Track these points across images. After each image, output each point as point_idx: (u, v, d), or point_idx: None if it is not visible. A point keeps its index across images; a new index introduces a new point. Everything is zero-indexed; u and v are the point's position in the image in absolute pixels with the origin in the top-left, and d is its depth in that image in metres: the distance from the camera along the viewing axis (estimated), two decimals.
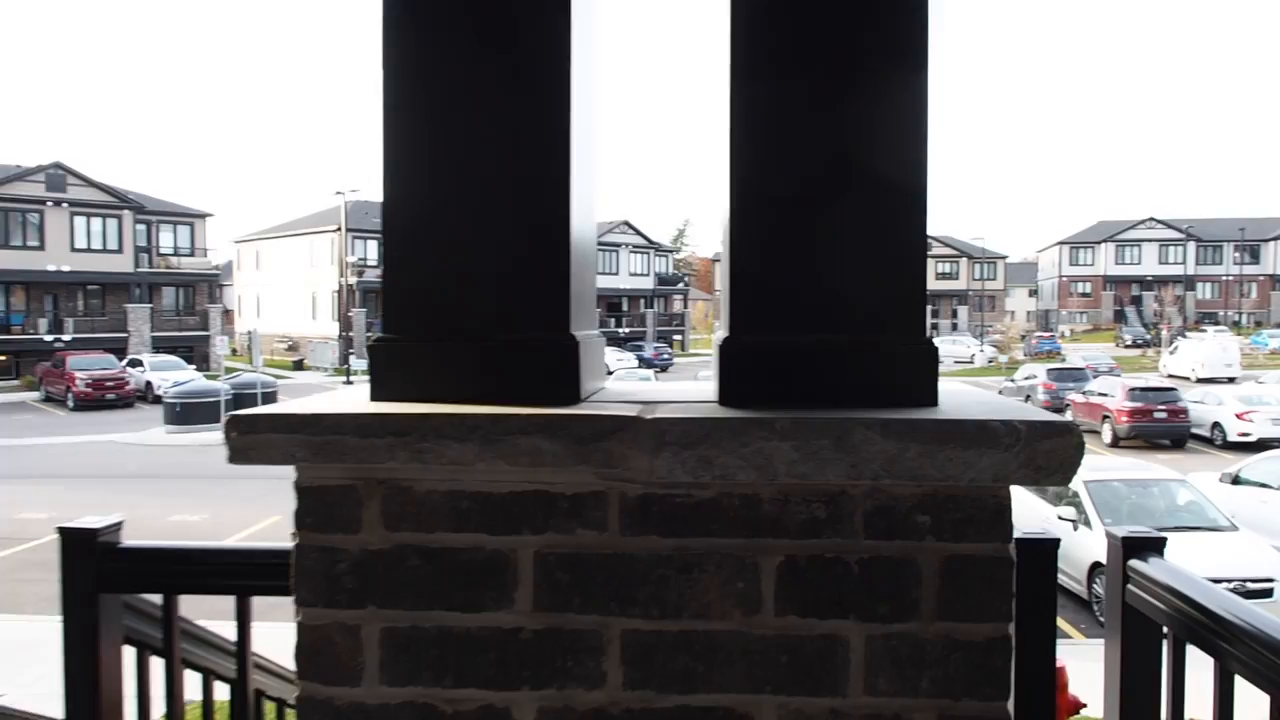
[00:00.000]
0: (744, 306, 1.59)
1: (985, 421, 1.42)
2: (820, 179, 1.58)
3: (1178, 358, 45.45)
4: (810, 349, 1.56)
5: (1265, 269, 78.81)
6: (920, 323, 1.58)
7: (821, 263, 1.57)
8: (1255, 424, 25.48)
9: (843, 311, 1.57)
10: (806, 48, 1.57)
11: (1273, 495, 13.82)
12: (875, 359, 1.56)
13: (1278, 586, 10.96)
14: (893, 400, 1.55)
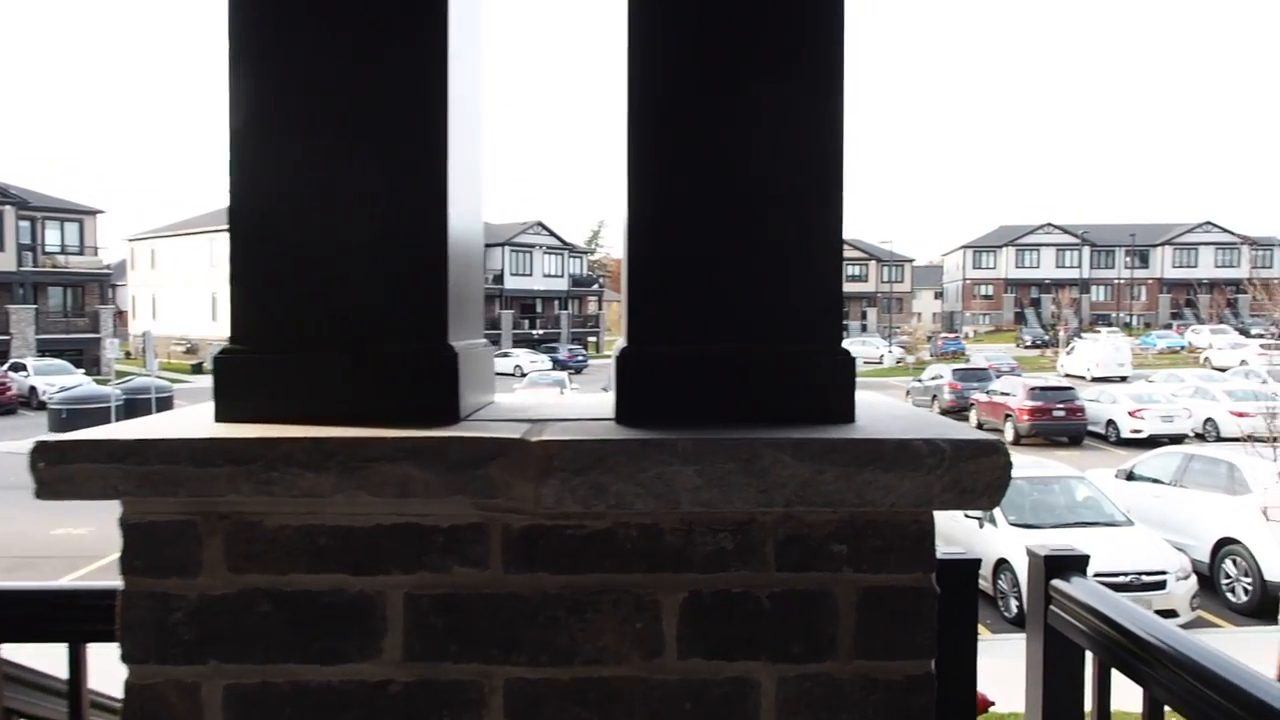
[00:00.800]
0: (644, 314, 1.44)
1: (907, 441, 1.29)
2: (727, 180, 1.43)
3: (1074, 358, 47.20)
4: (717, 361, 1.41)
5: (1154, 273, 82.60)
6: (836, 332, 1.44)
7: (729, 268, 1.43)
8: (1146, 421, 26.55)
9: (752, 320, 1.43)
10: (711, 46, 1.43)
11: (1164, 490, 14.34)
12: (788, 372, 1.42)
13: (1170, 579, 11.33)
14: (807, 416, 1.41)
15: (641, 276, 1.44)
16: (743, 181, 1.43)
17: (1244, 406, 26.37)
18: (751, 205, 1.43)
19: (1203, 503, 13.47)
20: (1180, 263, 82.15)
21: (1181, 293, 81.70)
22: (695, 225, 1.43)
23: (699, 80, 1.43)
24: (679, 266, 1.43)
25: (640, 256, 1.44)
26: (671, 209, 1.43)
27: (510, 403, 1.67)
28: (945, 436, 1.30)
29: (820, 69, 1.43)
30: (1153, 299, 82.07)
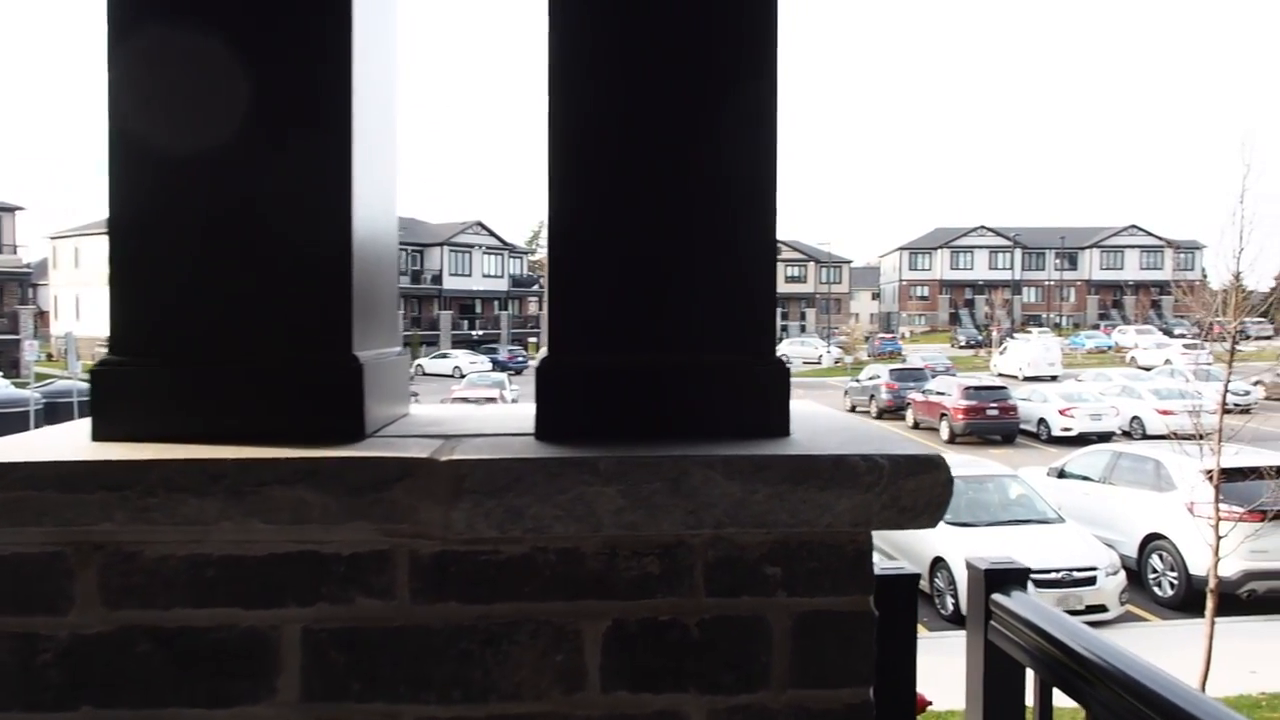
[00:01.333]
0: (565, 322, 1.35)
1: (844, 457, 1.22)
2: (653, 181, 1.35)
3: (1007, 358, 48.18)
4: (643, 372, 1.33)
5: (1082, 275, 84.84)
6: (769, 340, 1.37)
7: (656, 273, 1.35)
8: (1076, 419, 27.17)
9: (681, 329, 1.35)
10: (638, 41, 1.34)
11: (1094, 488, 14.64)
12: (719, 383, 1.34)
13: (1100, 575, 11.55)
14: (740, 430, 1.33)
15: (563, 282, 1.35)
16: (670, 182, 1.35)
17: (1169, 405, 27.15)
18: (680, 207, 1.35)
19: (1131, 500, 13.78)
20: (1107, 265, 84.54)
21: (1109, 294, 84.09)
22: (619, 228, 1.34)
23: (623, 76, 1.34)
24: (602, 271, 1.34)
25: (562, 260, 1.35)
26: (594, 210, 1.34)
27: (426, 415, 1.57)
28: (884, 452, 1.24)
29: (755, 68, 1.36)
30: (1081, 300, 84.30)
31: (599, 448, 1.23)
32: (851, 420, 1.54)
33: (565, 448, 1.24)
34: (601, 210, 1.35)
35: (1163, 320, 72.63)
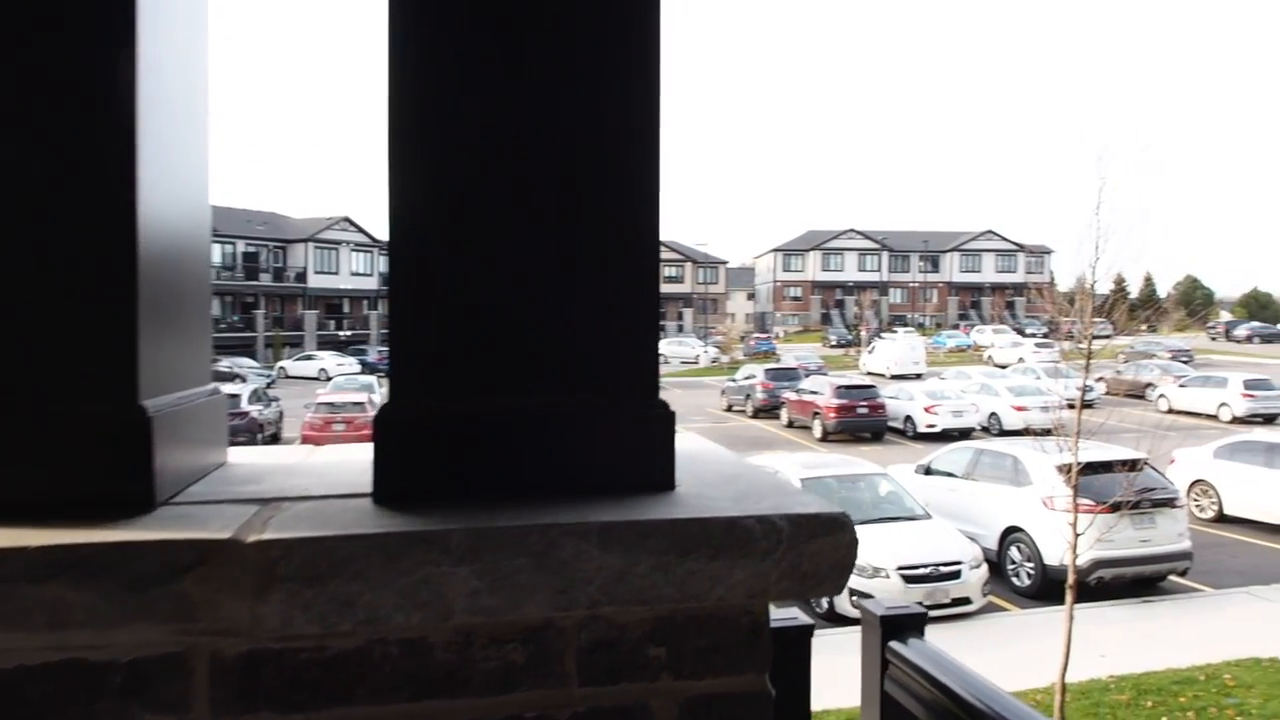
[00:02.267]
0: (411, 360, 1.13)
1: (737, 520, 1.05)
2: (512, 182, 1.15)
3: (875, 357, 49.78)
4: (504, 419, 1.13)
5: (944, 277, 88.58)
6: (651, 379, 1.19)
7: (521, 302, 1.15)
8: (940, 416, 28.23)
9: (550, 367, 1.15)
10: (492, 19, 1.15)
11: (958, 484, 15.16)
12: (595, 431, 1.16)
13: (965, 569, 11.93)
14: (620, 484, 1.15)
15: (407, 312, 1.14)
16: (537, 196, 1.15)
17: (1023, 401, 28.56)
18: (545, 216, 1.16)
19: (991, 495, 14.32)
20: (966, 268, 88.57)
21: (968, 295, 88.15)
22: (476, 249, 1.14)
23: (476, 60, 1.14)
24: (455, 300, 1.13)
25: (403, 282, 1.14)
26: (443, 228, 1.13)
27: (245, 466, 1.32)
28: (781, 511, 1.08)
29: (636, 60, 1.18)
30: (943, 301, 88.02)
31: (451, 514, 1.03)
32: (739, 464, 1.37)
33: (409, 516, 1.03)
34: (453, 227, 1.14)
35: (1016, 320, 76.57)
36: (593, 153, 1.17)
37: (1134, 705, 8.90)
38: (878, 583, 11.55)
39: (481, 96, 1.14)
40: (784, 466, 14.16)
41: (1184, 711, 8.70)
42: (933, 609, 11.74)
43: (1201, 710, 8.72)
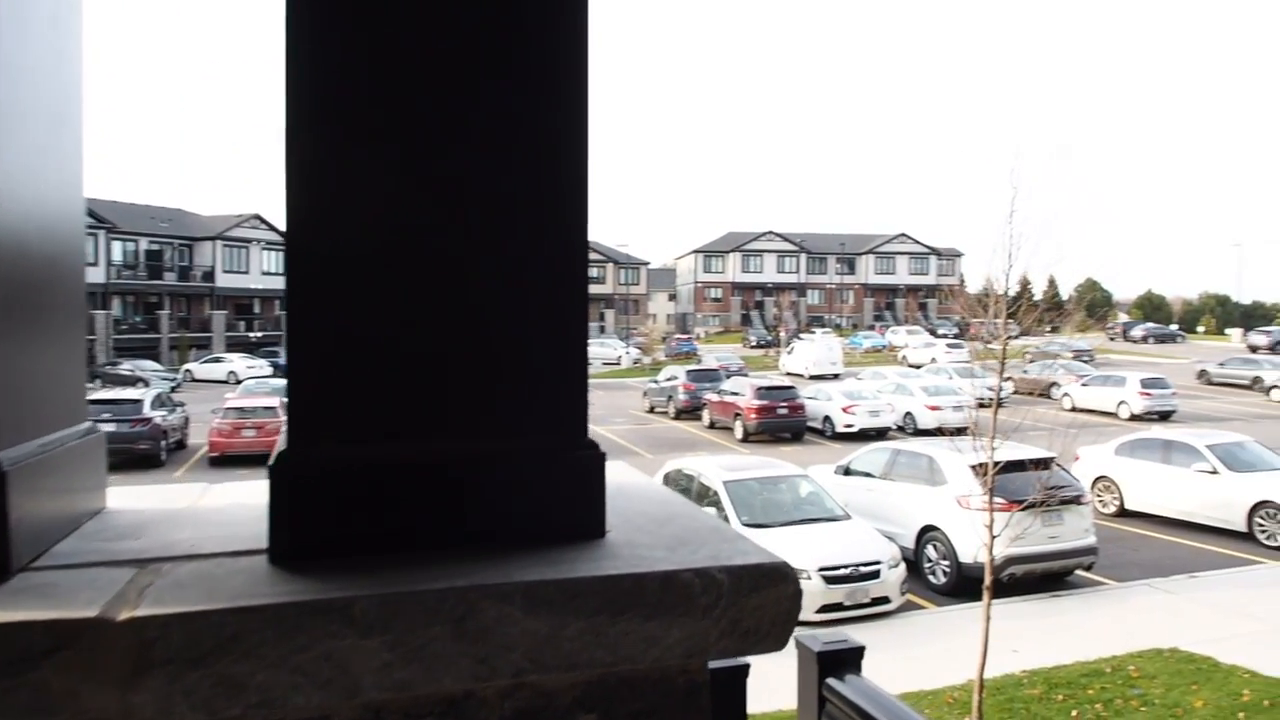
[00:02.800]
0: (309, 400, 1.02)
1: (674, 574, 0.97)
2: (428, 197, 1.05)
3: (794, 357, 50.44)
4: (414, 466, 1.02)
5: (860, 278, 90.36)
6: (580, 417, 1.10)
7: (430, 330, 1.04)
8: (857, 416, 28.72)
9: (470, 407, 1.06)
10: (411, 35, 1.04)
11: (876, 483, 15.39)
12: (517, 477, 1.06)
13: (883, 568, 12.10)
14: (546, 533, 1.06)
15: (303, 343, 1.02)
16: (450, 200, 1.05)
17: (937, 401, 29.26)
18: (462, 237, 1.06)
19: (908, 494, 14.57)
20: (881, 270, 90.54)
21: (883, 297, 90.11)
22: (380, 266, 1.03)
23: (387, 63, 1.04)
24: (358, 327, 1.02)
25: (302, 311, 1.03)
26: (344, 239, 1.02)
27: (125, 515, 1.19)
28: (720, 563, 1.00)
29: (564, 67, 1.09)
30: (859, 302, 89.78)
31: (357, 576, 0.92)
32: (671, 502, 1.29)
33: (309, 579, 0.92)
34: (360, 249, 1.03)
35: (929, 321, 78.53)
36: (517, 167, 1.08)
37: (1046, 699, 9.12)
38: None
39: (389, 102, 1.03)
40: (707, 469, 14.19)
41: (1092, 704, 8.96)
42: (853, 608, 11.89)
43: (1108, 702, 8.99)
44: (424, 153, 1.04)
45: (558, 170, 1.09)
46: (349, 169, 1.02)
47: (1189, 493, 16.57)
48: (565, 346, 1.10)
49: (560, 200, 1.09)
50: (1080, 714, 8.75)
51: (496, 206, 1.07)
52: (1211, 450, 16.74)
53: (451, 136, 1.05)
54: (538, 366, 1.08)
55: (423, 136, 1.04)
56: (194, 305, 59.18)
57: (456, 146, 1.05)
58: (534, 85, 1.08)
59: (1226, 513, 16.03)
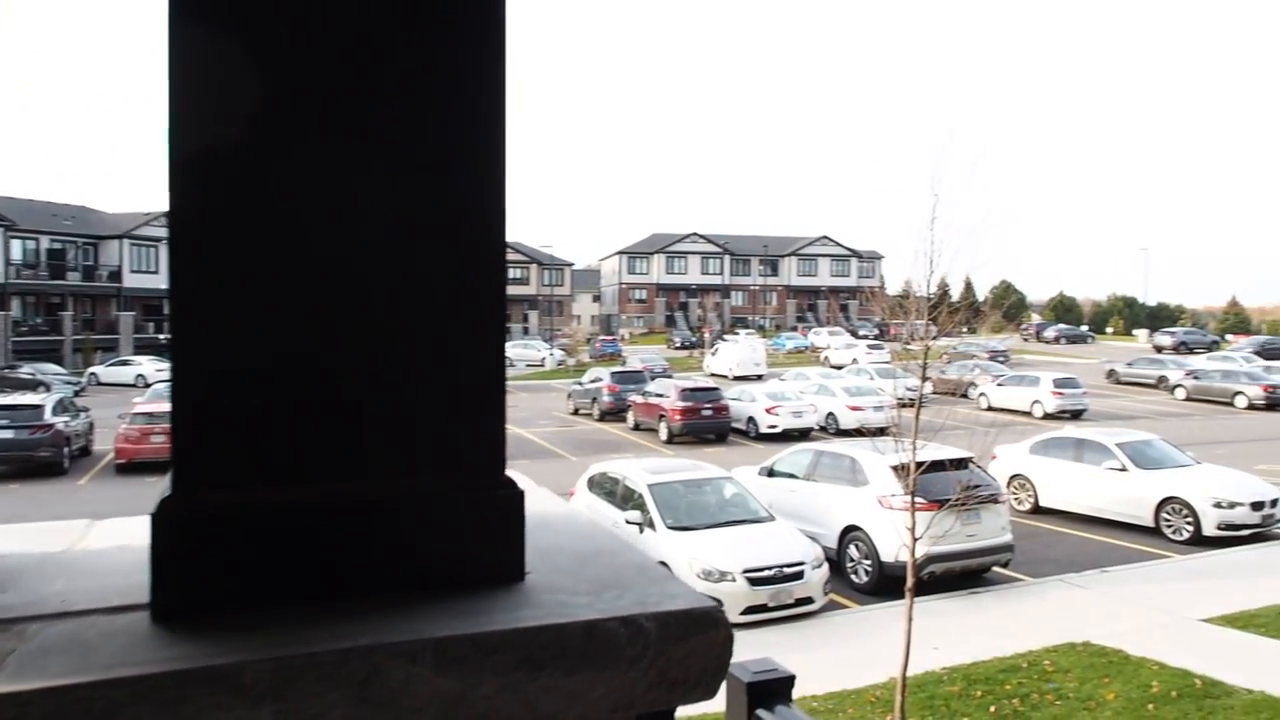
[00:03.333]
0: (195, 437, 0.93)
1: (598, 624, 0.91)
2: (321, 212, 0.97)
3: (718, 359, 50.82)
4: (314, 510, 0.94)
5: (783, 280, 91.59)
6: (498, 453, 1.03)
7: (328, 358, 0.96)
8: (781, 417, 29.05)
9: (375, 443, 0.98)
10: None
11: (800, 485, 15.56)
12: (428, 520, 0.98)
13: (807, 569, 12.23)
14: (459, 580, 0.98)
15: (187, 370, 0.93)
16: (351, 211, 0.97)
17: (858, 401, 29.78)
18: (364, 253, 0.98)
19: (831, 495, 14.77)
20: (804, 272, 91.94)
21: (805, 298, 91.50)
22: (270, 285, 0.94)
23: (275, 58, 0.95)
24: (246, 354, 0.94)
25: (184, 337, 0.94)
26: (237, 268, 0.94)
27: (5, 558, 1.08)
28: (647, 609, 0.94)
29: (472, 71, 1.02)
30: (782, 303, 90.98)
31: (248, 636, 0.84)
32: (594, 535, 1.23)
33: (195, 641, 0.83)
34: (249, 272, 0.94)
35: (851, 322, 79.92)
36: (426, 172, 1.00)
37: (965, 696, 9.31)
38: (724, 586, 11.68)
39: (280, 100, 0.95)
40: (632, 472, 14.16)
41: (1010, 699, 9.17)
42: (777, 609, 11.99)
43: (1025, 697, 9.22)
44: (321, 158, 0.96)
45: (473, 175, 1.02)
46: (238, 172, 0.94)
47: (1100, 490, 17.16)
48: (480, 375, 1.02)
49: (476, 208, 1.02)
50: (998, 709, 8.95)
51: (402, 218, 0.99)
52: (1121, 449, 17.36)
53: (352, 139, 0.97)
54: (449, 398, 1.01)
55: (318, 138, 0.96)
56: (99, 306, 56.95)
57: (358, 152, 0.97)
58: (446, 80, 1.01)
59: (1135, 509, 16.64)
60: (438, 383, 1.00)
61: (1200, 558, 14.74)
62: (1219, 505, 15.80)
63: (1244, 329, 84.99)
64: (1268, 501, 16.06)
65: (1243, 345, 61.37)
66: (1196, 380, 40.53)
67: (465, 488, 1.00)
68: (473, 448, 1.01)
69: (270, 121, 0.94)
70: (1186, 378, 41.11)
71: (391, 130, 0.98)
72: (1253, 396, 37.49)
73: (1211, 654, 10.26)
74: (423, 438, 0.99)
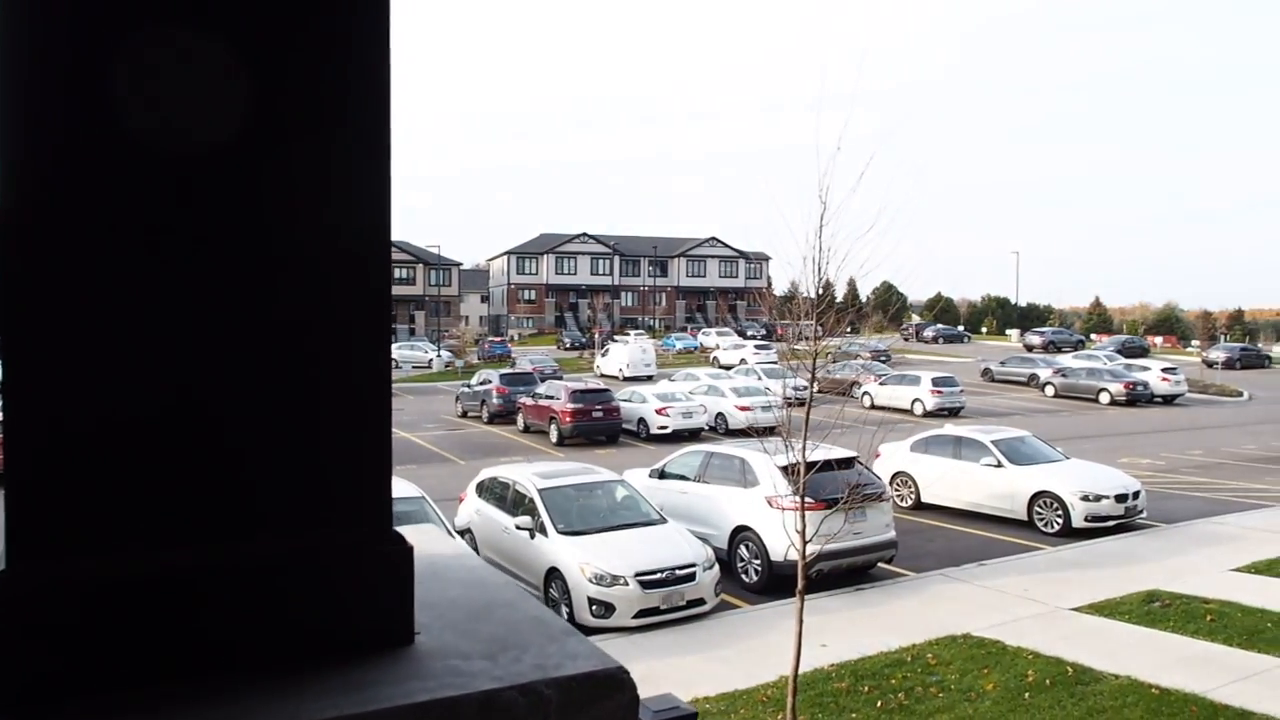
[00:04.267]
0: (31, 502, 0.80)
1: (495, 695, 0.82)
2: (177, 233, 0.85)
3: (609, 359, 50.92)
4: (171, 579, 0.82)
5: (672, 281, 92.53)
6: (383, 506, 0.93)
7: (182, 404, 0.85)
8: (671, 418, 29.27)
9: (238, 498, 0.86)
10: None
11: (691, 487, 15.66)
12: (306, 582, 0.88)
13: (699, 570, 12.31)
14: (342, 644, 0.88)
15: (21, 427, 0.81)
16: (210, 231, 0.86)
17: (747, 401, 30.25)
18: (236, 306, 0.87)
19: (721, 496, 14.92)
20: (692, 273, 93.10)
21: (694, 299, 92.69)
22: (111, 328, 0.82)
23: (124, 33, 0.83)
24: (91, 403, 0.82)
25: (17, 386, 0.81)
26: (82, 300, 0.81)
27: None
28: (548, 675, 0.85)
29: (360, 100, 0.92)
30: (671, 304, 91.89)
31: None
32: (488, 584, 1.14)
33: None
34: (96, 302, 0.82)
35: (739, 323, 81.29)
36: (296, 188, 0.90)
37: (853, 692, 9.51)
38: (617, 590, 11.65)
39: (117, 101, 0.83)
40: (522, 477, 13.99)
41: (895, 693, 9.41)
42: (669, 612, 12.02)
43: (910, 690, 9.47)
44: (170, 171, 0.84)
45: (351, 172, 0.92)
46: (64, 185, 0.81)
47: (977, 485, 17.88)
48: (362, 418, 0.92)
49: (352, 217, 0.92)
50: (884, 704, 9.16)
51: (267, 235, 0.88)
52: (996, 446, 18.12)
53: (213, 157, 0.85)
54: (328, 445, 0.90)
55: (159, 148, 0.84)
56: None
57: (218, 170, 0.86)
58: (334, 81, 0.90)
59: (1010, 503, 17.40)
60: (314, 430, 0.89)
61: (1070, 549, 15.48)
62: (1086, 498, 16.64)
63: (1106, 328, 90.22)
64: (1130, 493, 17.01)
65: (1106, 344, 65.18)
66: (1064, 378, 42.76)
67: (348, 546, 0.89)
68: (355, 500, 0.90)
69: (106, 132, 0.82)
70: (1055, 375, 43.32)
71: (256, 144, 0.88)
72: (1115, 393, 39.81)
73: (1082, 642, 10.77)
74: (297, 492, 0.88)
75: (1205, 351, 58.68)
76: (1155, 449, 27.31)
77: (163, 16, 0.84)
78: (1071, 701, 9.06)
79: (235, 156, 0.87)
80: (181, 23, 0.85)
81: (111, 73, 0.83)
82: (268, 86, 0.88)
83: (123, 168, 0.83)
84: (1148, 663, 10.02)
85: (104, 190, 0.82)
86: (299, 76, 0.90)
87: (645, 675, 10.03)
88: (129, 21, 0.83)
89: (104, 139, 0.82)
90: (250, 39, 0.88)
